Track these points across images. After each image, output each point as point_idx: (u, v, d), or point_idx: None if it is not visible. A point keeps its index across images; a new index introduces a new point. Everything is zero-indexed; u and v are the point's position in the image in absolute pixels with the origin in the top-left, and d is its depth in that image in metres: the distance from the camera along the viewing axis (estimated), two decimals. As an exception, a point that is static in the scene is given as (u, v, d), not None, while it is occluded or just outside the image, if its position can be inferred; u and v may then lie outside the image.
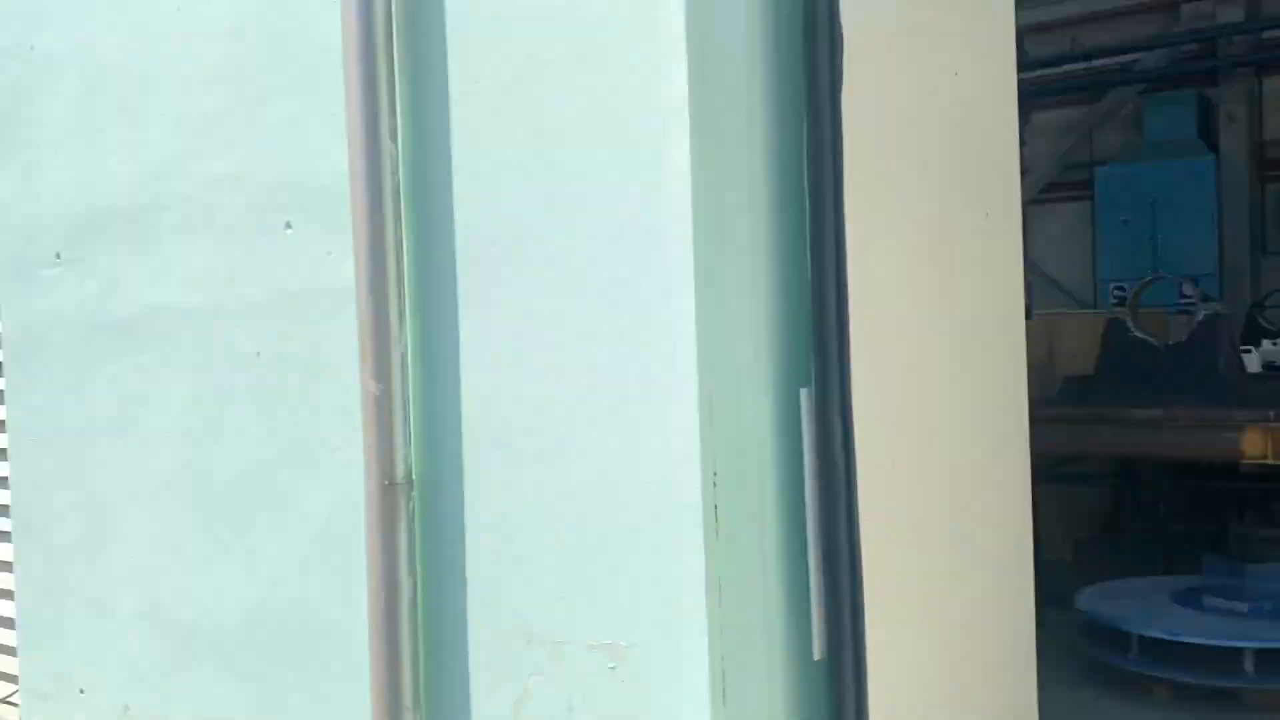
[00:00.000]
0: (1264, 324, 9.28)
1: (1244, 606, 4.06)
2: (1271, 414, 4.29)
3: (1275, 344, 7.58)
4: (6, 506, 3.70)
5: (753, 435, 2.28)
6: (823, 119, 2.31)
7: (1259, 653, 3.97)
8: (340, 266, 2.61)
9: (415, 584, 2.46)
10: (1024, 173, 13.46)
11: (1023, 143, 13.21)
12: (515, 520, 2.40)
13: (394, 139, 2.48)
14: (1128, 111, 14.65)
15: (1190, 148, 13.64)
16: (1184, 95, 13.81)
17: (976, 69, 2.99)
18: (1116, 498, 6.59)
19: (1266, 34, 13.97)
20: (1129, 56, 14.62)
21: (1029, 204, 15.80)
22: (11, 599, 3.72)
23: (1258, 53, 13.79)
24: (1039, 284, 15.46)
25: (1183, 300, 9.98)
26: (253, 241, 2.93)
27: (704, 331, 2.16)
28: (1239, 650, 4.01)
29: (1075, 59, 14.68)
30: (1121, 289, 14.07)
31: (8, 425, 3.66)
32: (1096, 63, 14.90)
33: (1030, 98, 15.69)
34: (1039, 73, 15.33)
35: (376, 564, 2.45)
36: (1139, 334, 5.36)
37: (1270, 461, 4.29)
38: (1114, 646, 4.26)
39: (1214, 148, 13.78)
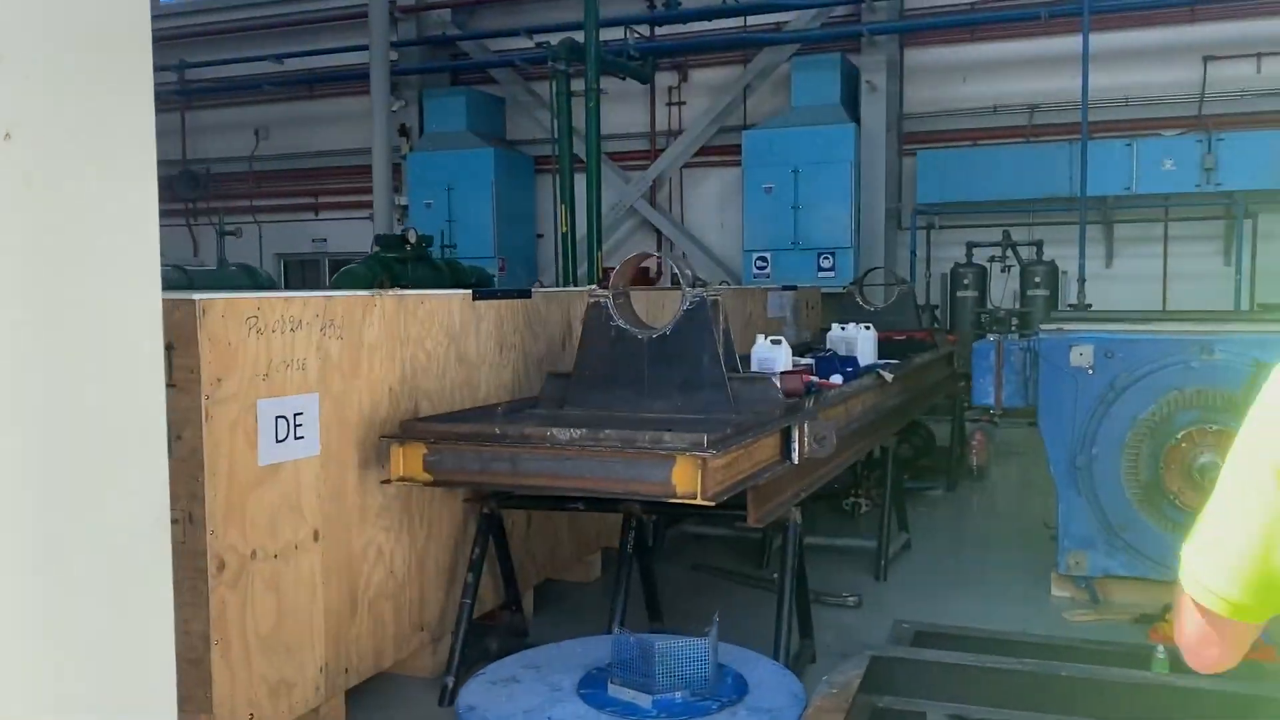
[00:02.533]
0: (862, 304, 8.68)
1: (648, 700, 2.98)
2: (706, 439, 3.18)
3: (844, 329, 6.82)
4: None
5: None
6: None
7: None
8: None
9: None
10: (678, 133, 12.45)
11: (680, 101, 12.11)
12: None
13: None
14: (781, 75, 14.06)
15: (833, 115, 13.18)
16: (829, 60, 13.33)
17: None
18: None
19: (909, 3, 13.76)
20: (782, 15, 14.03)
21: (684, 167, 15.02)
22: None
23: (900, 20, 13.53)
24: (695, 253, 14.74)
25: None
26: None
27: None
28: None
29: (729, 13, 13.91)
30: (764, 260, 13.50)
31: None
32: (750, 20, 14.23)
33: (685, 53, 15.02)
34: (695, 27, 14.51)
35: None
36: (620, 322, 4.19)
37: (699, 501, 3.17)
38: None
39: (858, 118, 13.40)
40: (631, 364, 4.22)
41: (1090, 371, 4.98)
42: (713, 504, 3.23)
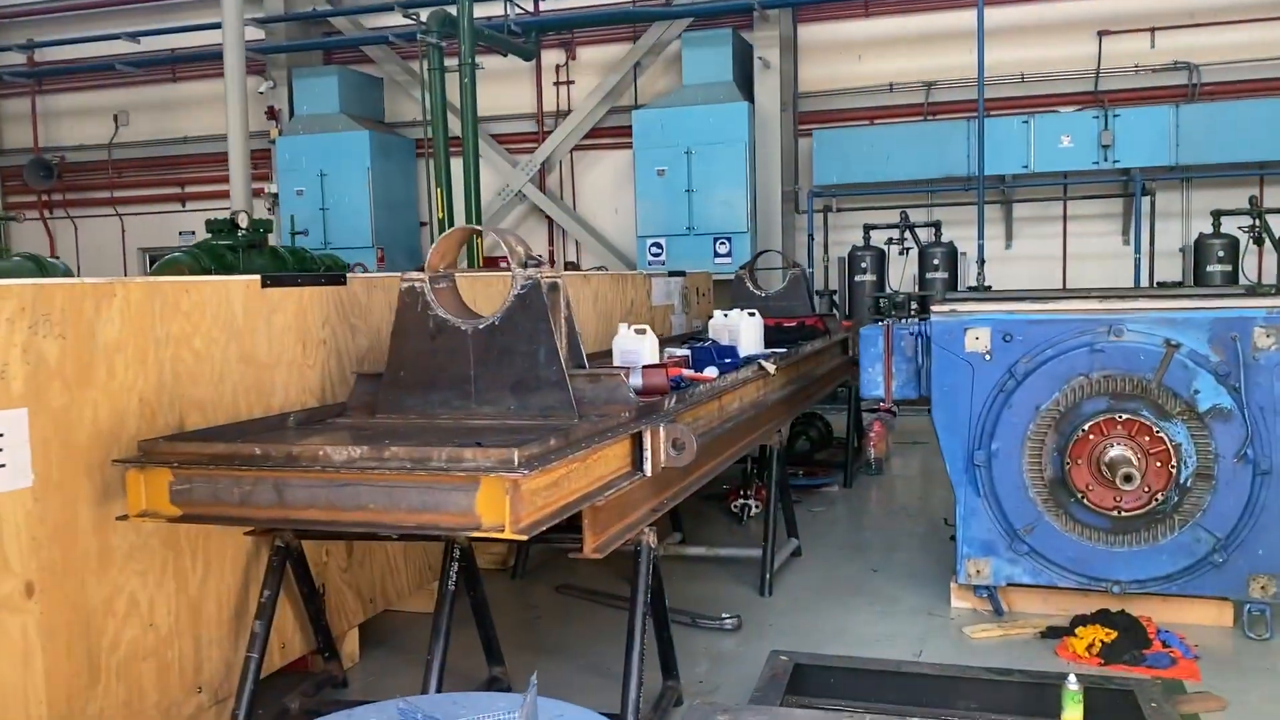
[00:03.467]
0: (753, 289, 8.12)
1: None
2: (517, 455, 2.50)
3: (726, 316, 6.21)
4: None
5: None
6: None
7: None
8: None
9: None
10: (567, 114, 11.68)
11: (569, 80, 11.34)
12: None
13: None
14: (673, 52, 13.43)
15: (726, 93, 12.61)
16: (720, 35, 12.73)
17: None
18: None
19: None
20: (673, -12, 13.41)
21: (575, 150, 14.30)
22: None
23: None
24: (591, 243, 14.06)
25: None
26: None
27: None
28: None
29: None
30: (659, 246, 12.90)
31: None
32: (639, -7, 13.59)
33: (571, 27, 14.28)
34: (582, 0, 13.81)
35: None
36: (440, 311, 3.49)
37: (509, 535, 2.50)
38: None
39: (752, 96, 12.86)
40: (455, 361, 3.52)
41: (987, 357, 4.44)
42: (525, 537, 2.56)
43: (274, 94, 14.80)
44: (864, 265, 11.80)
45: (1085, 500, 4.29)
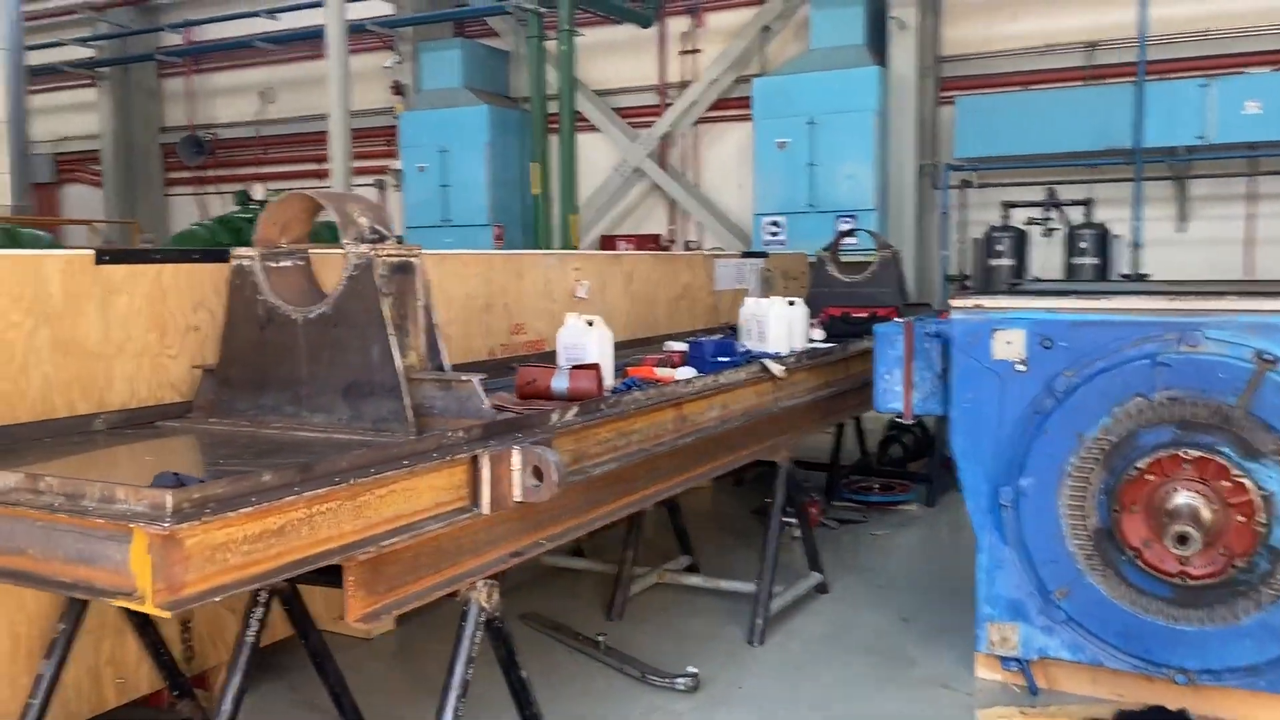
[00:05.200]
0: (835, 274, 7.14)
1: None
2: (170, 499, 1.83)
3: (758, 304, 5.29)
4: None
5: None
6: None
7: None
8: None
9: None
10: (688, 83, 10.85)
11: (695, 49, 10.58)
12: None
13: None
14: (803, 17, 12.40)
15: (855, 57, 11.51)
16: (853, -7, 11.63)
17: None
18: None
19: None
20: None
21: (699, 123, 13.50)
22: None
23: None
24: (713, 223, 13.29)
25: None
26: None
27: None
28: None
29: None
30: (777, 225, 11.97)
31: None
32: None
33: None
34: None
35: None
36: (270, 296, 2.87)
37: (150, 608, 1.84)
38: None
39: (885, 61, 11.70)
40: (286, 357, 2.90)
41: (1020, 368, 3.45)
42: (169, 614, 1.89)
43: (400, 69, 14.66)
44: (1000, 248, 10.49)
45: (1139, 560, 3.26)
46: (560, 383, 3.38)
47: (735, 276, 7.36)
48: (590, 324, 3.79)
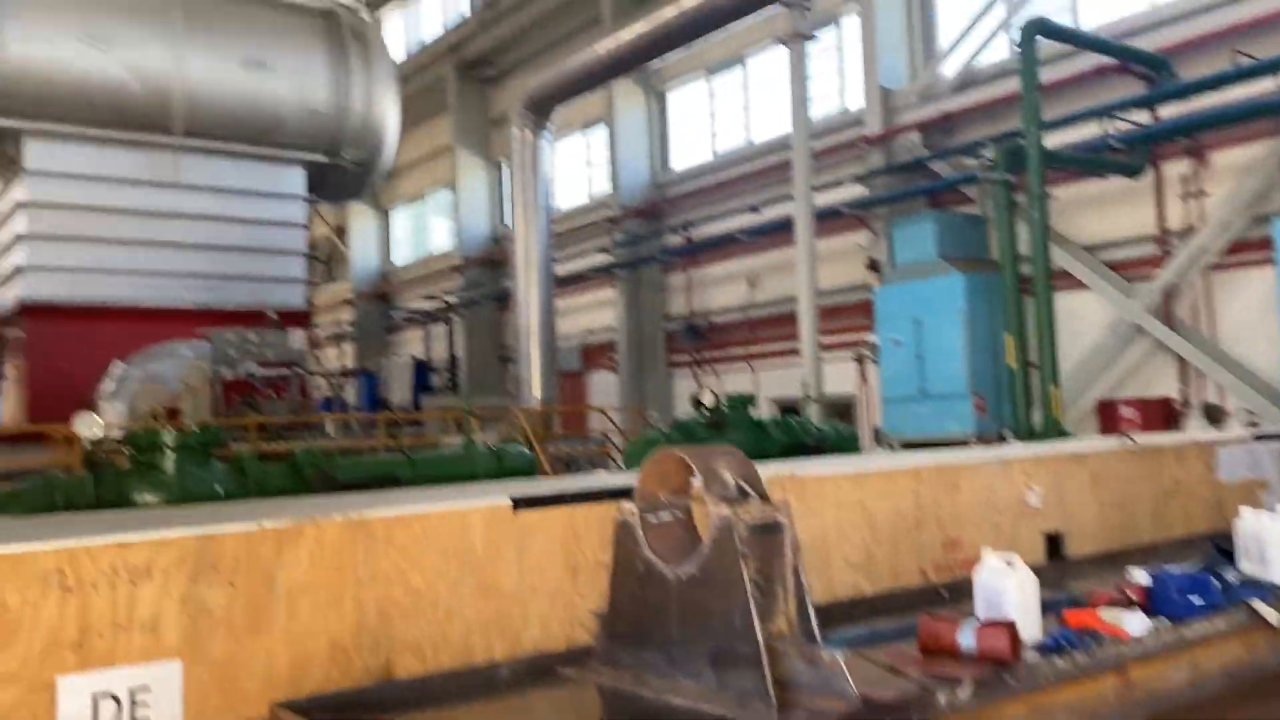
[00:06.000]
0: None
1: None
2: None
3: (1258, 516, 4.31)
4: None
5: None
6: None
7: None
8: None
9: None
10: (1193, 229, 10.10)
11: (1197, 192, 9.95)
12: None
13: None
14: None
15: None
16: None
17: None
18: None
19: None
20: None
21: (1209, 270, 12.04)
22: None
23: None
24: (1236, 383, 11.65)
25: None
26: None
27: None
28: None
29: (1245, 74, 10.98)
30: (1317, 384, 10.12)
31: None
32: (1281, 79, 11.07)
33: (1191, 132, 12.10)
34: (1205, 100, 11.70)
35: None
36: (648, 551, 2.90)
37: None
38: None
39: None
40: (661, 615, 2.87)
41: None
42: None
43: (875, 246, 14.87)
44: None
45: None
46: (967, 639, 2.99)
47: (1247, 464, 6.21)
48: (1010, 564, 3.34)
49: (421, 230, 28.02)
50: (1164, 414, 11.97)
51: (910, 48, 14.95)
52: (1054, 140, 11.75)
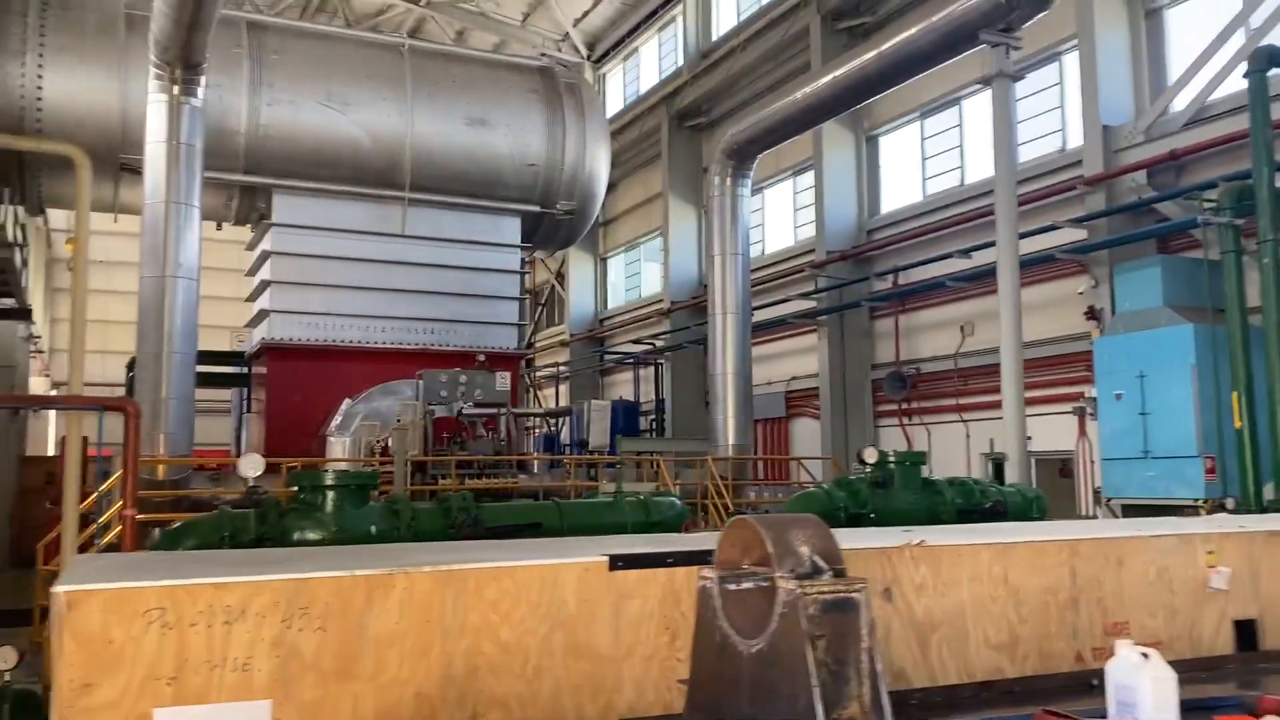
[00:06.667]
0: None
1: None
2: None
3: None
4: None
5: None
6: None
7: None
8: None
9: None
10: None
11: None
12: None
13: None
14: None
15: None
16: None
17: None
18: None
19: None
20: None
21: None
22: None
23: None
24: None
25: None
26: None
27: None
28: None
29: None
30: None
31: None
32: None
33: None
34: None
35: None
36: (725, 623, 2.79)
37: None
38: None
39: None
40: (734, 689, 2.74)
41: None
42: None
43: (1095, 293, 13.92)
44: None
45: None
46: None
47: None
48: (1145, 656, 2.98)
49: (635, 274, 28.64)
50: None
51: (1135, 82, 14.00)
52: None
